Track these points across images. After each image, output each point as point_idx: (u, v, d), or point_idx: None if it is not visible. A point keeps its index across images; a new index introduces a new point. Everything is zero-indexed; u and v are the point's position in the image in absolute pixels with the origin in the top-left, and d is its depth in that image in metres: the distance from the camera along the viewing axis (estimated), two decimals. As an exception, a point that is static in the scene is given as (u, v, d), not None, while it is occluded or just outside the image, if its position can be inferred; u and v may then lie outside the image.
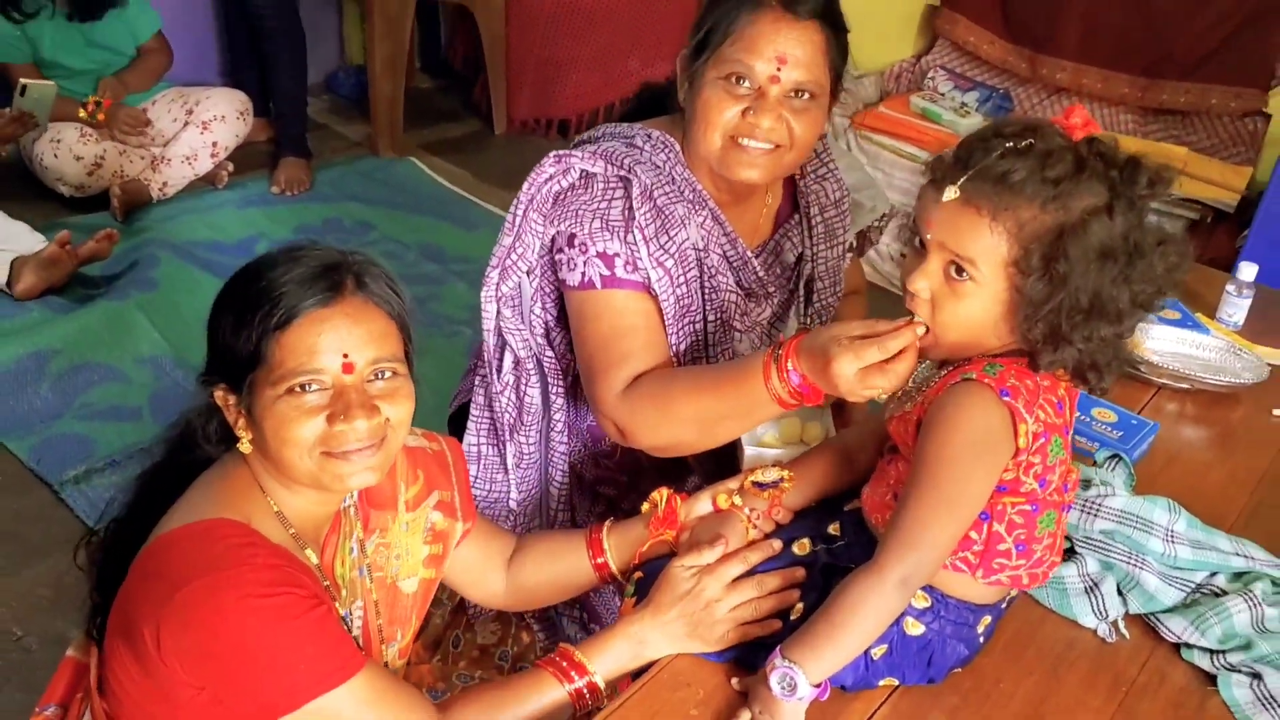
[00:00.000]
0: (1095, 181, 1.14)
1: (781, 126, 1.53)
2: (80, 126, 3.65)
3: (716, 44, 1.53)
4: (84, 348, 2.99)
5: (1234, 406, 1.94)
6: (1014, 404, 1.18)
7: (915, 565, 1.19)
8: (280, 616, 1.12)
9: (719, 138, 1.55)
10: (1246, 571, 1.48)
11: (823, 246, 1.77)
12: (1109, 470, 1.62)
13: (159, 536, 1.18)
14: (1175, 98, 3.59)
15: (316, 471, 1.18)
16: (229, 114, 3.89)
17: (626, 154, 1.60)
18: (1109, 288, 1.14)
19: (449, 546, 1.44)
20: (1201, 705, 1.34)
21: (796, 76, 1.51)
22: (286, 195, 4.00)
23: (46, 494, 2.55)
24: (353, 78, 4.81)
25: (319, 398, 1.16)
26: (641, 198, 1.56)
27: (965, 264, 1.17)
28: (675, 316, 1.60)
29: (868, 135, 3.79)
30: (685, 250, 1.59)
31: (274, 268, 1.17)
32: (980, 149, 1.17)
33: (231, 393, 1.20)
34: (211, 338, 1.21)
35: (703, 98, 1.54)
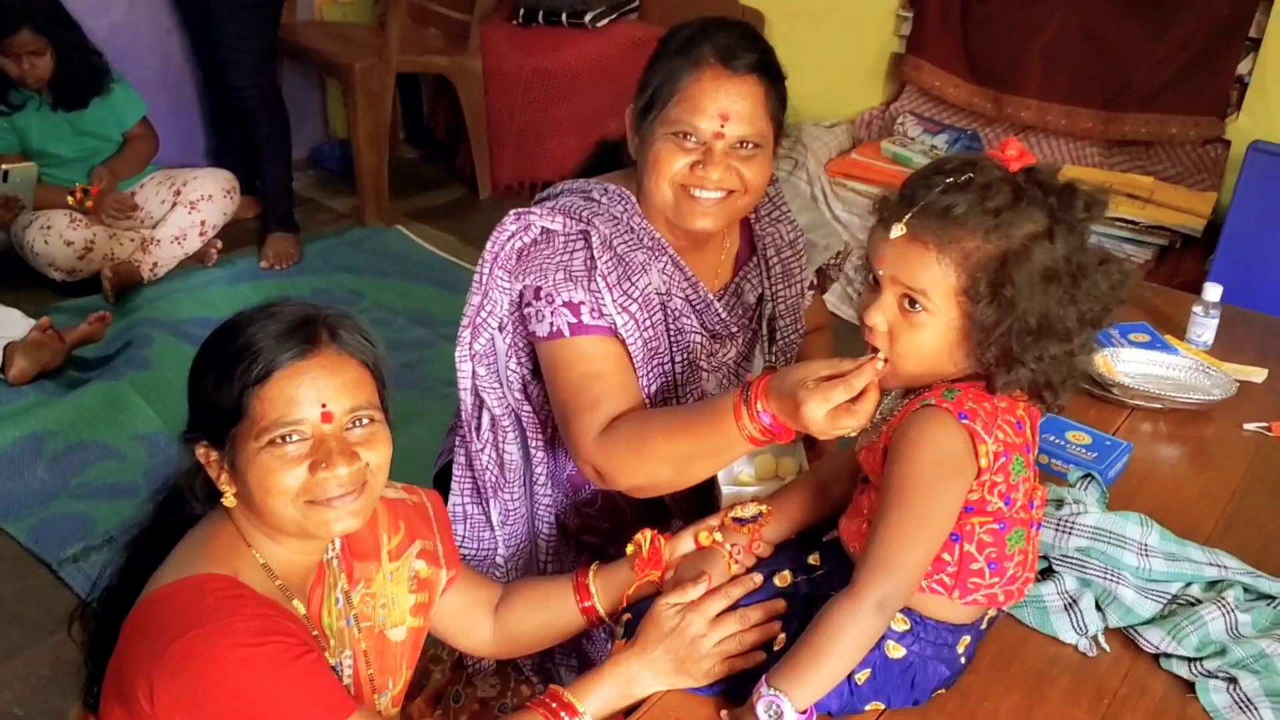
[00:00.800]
0: (1034, 209, 1.20)
1: (731, 175, 1.59)
2: (70, 213, 3.71)
3: (662, 103, 1.59)
4: (80, 428, 3.02)
5: (1205, 424, 1.97)
6: (972, 425, 1.22)
7: (891, 588, 1.22)
8: (271, 664, 1.14)
9: (670, 189, 1.61)
10: (1220, 580, 1.51)
11: (781, 286, 1.83)
12: (1081, 489, 1.66)
13: (148, 595, 1.21)
14: (1136, 129, 3.67)
15: (301, 520, 1.22)
16: (216, 193, 3.96)
17: (584, 207, 1.65)
18: (1055, 308, 1.19)
19: (434, 595, 1.46)
20: (1182, 712, 1.36)
21: (739, 131, 1.58)
22: (276, 269, 4.05)
23: (46, 574, 2.57)
24: (338, 151, 4.89)
25: (300, 448, 1.20)
26: (602, 247, 1.61)
27: (917, 295, 1.22)
28: (644, 359, 1.64)
29: (841, 182, 3.87)
30: (649, 295, 1.64)
31: (250, 325, 1.22)
32: (923, 186, 1.22)
33: (214, 448, 1.23)
34: (193, 396, 1.25)
35: (653, 152, 1.60)
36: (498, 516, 1.77)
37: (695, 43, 1.59)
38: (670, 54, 1.61)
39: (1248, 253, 2.80)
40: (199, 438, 1.24)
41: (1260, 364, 2.13)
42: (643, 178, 1.65)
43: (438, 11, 4.55)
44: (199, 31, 4.11)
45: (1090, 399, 1.99)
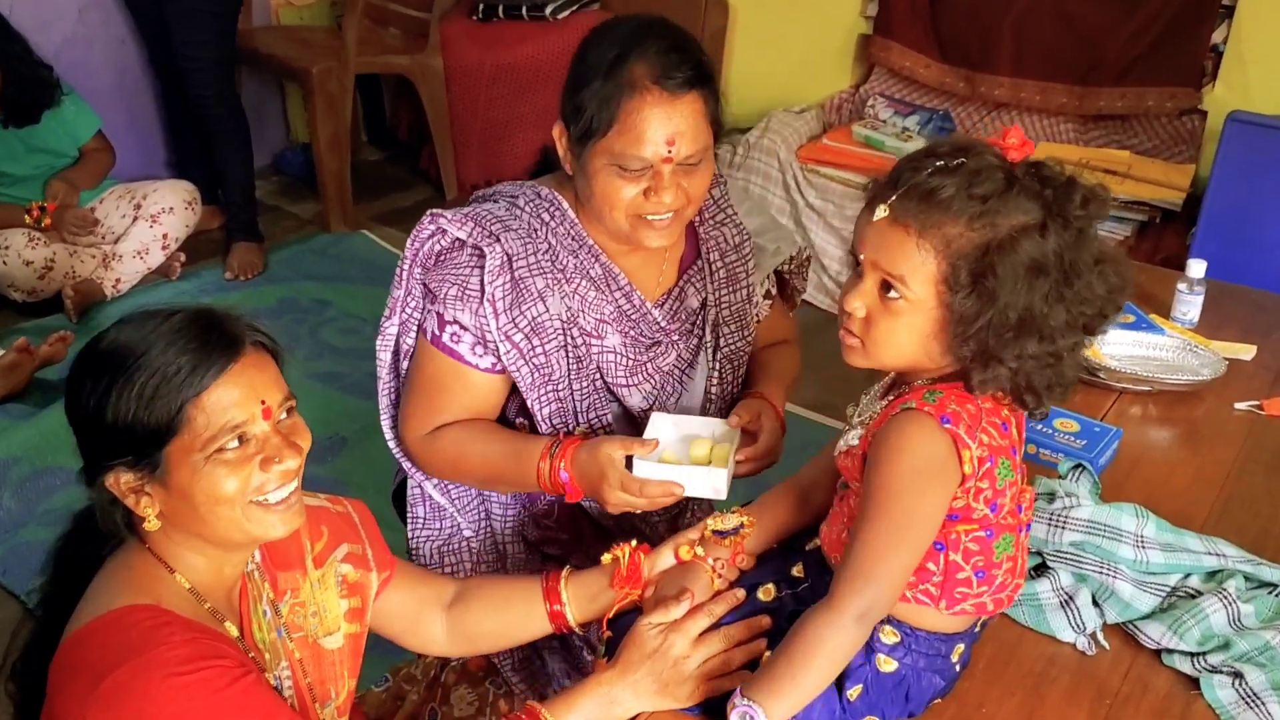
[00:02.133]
0: (1027, 199, 1.13)
1: (680, 194, 1.56)
2: (28, 231, 3.63)
3: (601, 132, 1.52)
4: (45, 453, 2.95)
5: (1196, 404, 1.94)
6: (955, 430, 1.17)
7: (871, 599, 1.17)
8: (208, 690, 1.10)
9: (623, 219, 1.57)
10: (1219, 570, 1.47)
11: (725, 291, 1.77)
12: (1073, 481, 1.61)
13: (69, 637, 1.16)
14: (1112, 103, 3.64)
15: (246, 524, 1.20)
16: (177, 205, 3.88)
17: (501, 218, 1.62)
18: (1040, 305, 1.12)
19: (367, 599, 1.43)
20: (1186, 710, 1.33)
21: (687, 150, 1.53)
22: (240, 280, 3.98)
23: (15, 606, 2.50)
24: (300, 156, 4.81)
25: (244, 450, 1.19)
26: (498, 269, 1.59)
27: (895, 282, 1.17)
28: (532, 384, 1.64)
29: (813, 168, 3.82)
30: (540, 323, 1.62)
31: (152, 338, 1.16)
32: (910, 169, 1.17)
33: (130, 472, 1.17)
34: (93, 425, 1.16)
35: (600, 183, 1.56)
36: (455, 504, 1.76)
37: (625, 62, 1.51)
38: (600, 75, 1.52)
39: (1230, 225, 2.76)
40: (107, 467, 1.17)
41: (1247, 340, 2.10)
42: (588, 200, 1.60)
43: (396, 10, 4.49)
44: (155, 40, 4.03)
45: (1077, 384, 1.95)
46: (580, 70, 1.56)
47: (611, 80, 1.51)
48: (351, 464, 2.96)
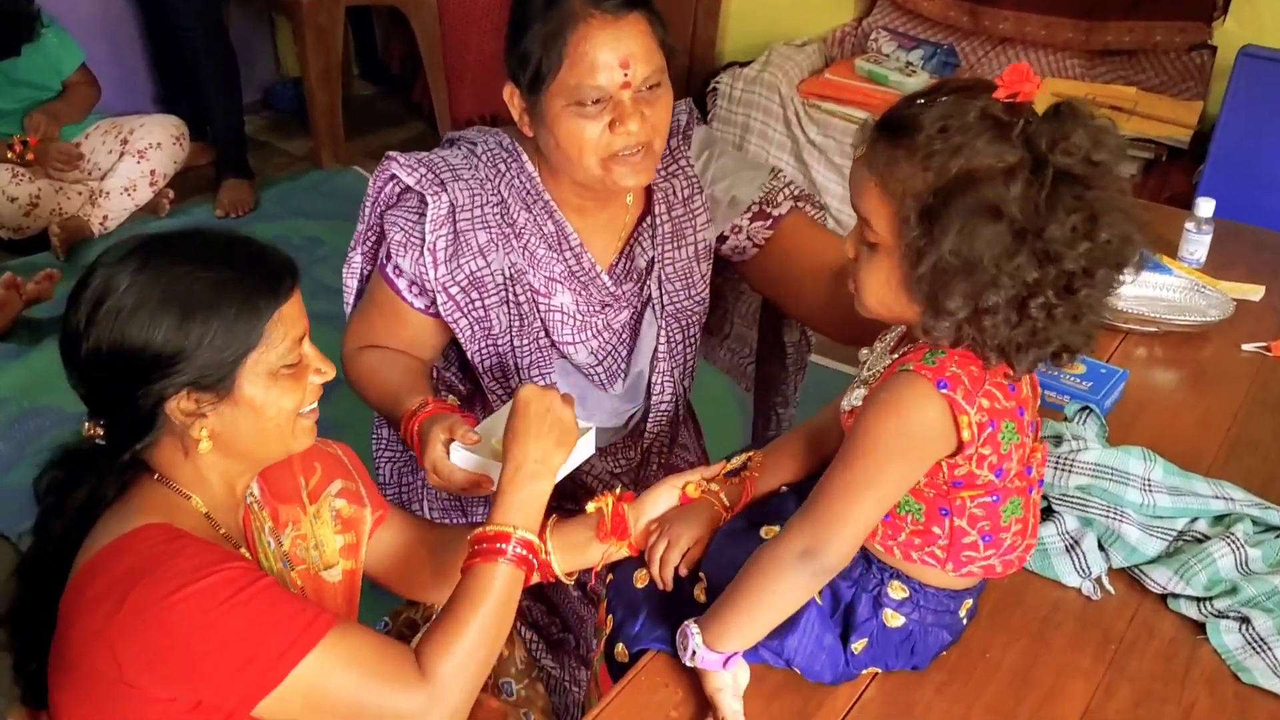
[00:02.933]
0: (995, 142, 1.05)
1: (646, 124, 1.52)
2: (12, 167, 3.57)
3: (550, 72, 1.49)
4: (34, 393, 2.92)
5: (1203, 345, 1.91)
6: (952, 395, 1.11)
7: (814, 539, 1.14)
8: (230, 590, 1.10)
9: (595, 162, 1.53)
10: (1227, 514, 1.45)
11: (669, 247, 1.72)
12: (1080, 424, 1.59)
13: (81, 568, 1.14)
14: (1119, 37, 3.56)
15: (291, 436, 1.25)
16: (164, 140, 3.81)
17: (454, 165, 1.62)
18: (990, 254, 1.04)
19: (361, 535, 1.43)
20: (1192, 655, 1.31)
21: (643, 72, 1.49)
22: (231, 218, 3.93)
23: (6, 548, 2.47)
24: (290, 90, 4.73)
25: (302, 364, 1.24)
26: (441, 220, 1.60)
27: (864, 226, 1.14)
28: (471, 338, 1.67)
29: (815, 104, 3.75)
30: (479, 277, 1.62)
31: (212, 261, 1.18)
32: (896, 108, 1.12)
33: (191, 396, 1.16)
34: (156, 356, 1.14)
35: (562, 130, 1.51)
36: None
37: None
38: (537, 18, 1.50)
39: (1239, 164, 2.71)
40: (167, 395, 1.15)
41: (1255, 280, 2.07)
42: (552, 154, 1.57)
43: (387, -61, 4.39)
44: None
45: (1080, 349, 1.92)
46: (518, 20, 1.53)
47: (551, 18, 1.48)
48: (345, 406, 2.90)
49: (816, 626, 1.22)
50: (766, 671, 1.25)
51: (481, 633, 1.19)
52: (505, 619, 1.24)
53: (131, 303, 1.13)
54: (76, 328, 1.15)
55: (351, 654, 1.14)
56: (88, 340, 1.14)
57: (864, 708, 1.24)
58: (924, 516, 1.19)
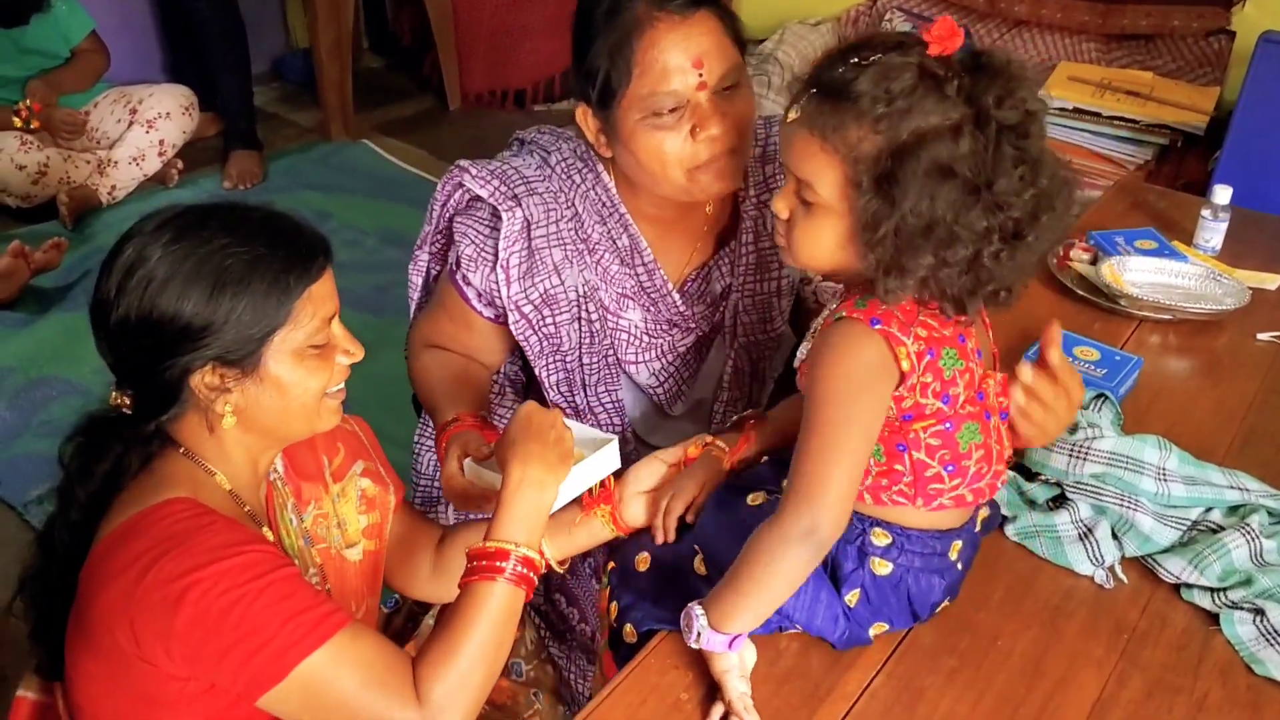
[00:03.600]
0: (939, 100, 1.06)
1: (728, 126, 1.43)
2: (20, 135, 3.55)
3: (621, 85, 1.42)
4: (40, 362, 2.91)
5: (1218, 334, 1.90)
6: (887, 329, 1.13)
7: (814, 515, 1.14)
8: (250, 574, 1.10)
9: (680, 174, 1.45)
10: (1242, 504, 1.44)
11: (750, 278, 1.66)
12: (1095, 411, 1.58)
13: (105, 538, 1.14)
14: (1137, 21, 3.53)
15: (316, 416, 1.24)
16: (174, 110, 3.80)
17: (528, 177, 1.56)
18: (947, 211, 1.06)
19: (386, 515, 1.43)
20: (1205, 646, 1.31)
21: (718, 70, 1.42)
22: (240, 189, 3.92)
23: (11, 517, 2.48)
24: (300, 62, 4.71)
25: (330, 345, 1.23)
26: (515, 236, 1.54)
27: (803, 187, 1.13)
28: (540, 353, 1.62)
29: (828, 83, 3.73)
30: (553, 295, 1.57)
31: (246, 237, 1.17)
32: (826, 66, 1.12)
33: (217, 371, 1.16)
34: (185, 329, 1.14)
35: (640, 145, 1.44)
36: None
37: (621, 6, 1.42)
38: (600, 30, 1.43)
39: (1256, 151, 2.67)
40: (192, 369, 1.15)
41: (1271, 269, 2.05)
42: (633, 171, 1.50)
43: (399, -90, 4.36)
44: (147, -62, 3.91)
45: (1097, 311, 1.92)
46: (581, 36, 1.47)
47: (615, 27, 1.41)
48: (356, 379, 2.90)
49: (811, 582, 1.22)
50: (777, 656, 1.26)
51: (479, 654, 1.15)
52: (504, 639, 1.19)
53: (163, 274, 1.13)
54: (107, 295, 1.15)
55: (359, 657, 1.11)
56: (117, 309, 1.14)
57: (874, 694, 1.23)
58: (884, 456, 1.20)
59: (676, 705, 1.20)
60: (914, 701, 1.22)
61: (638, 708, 1.20)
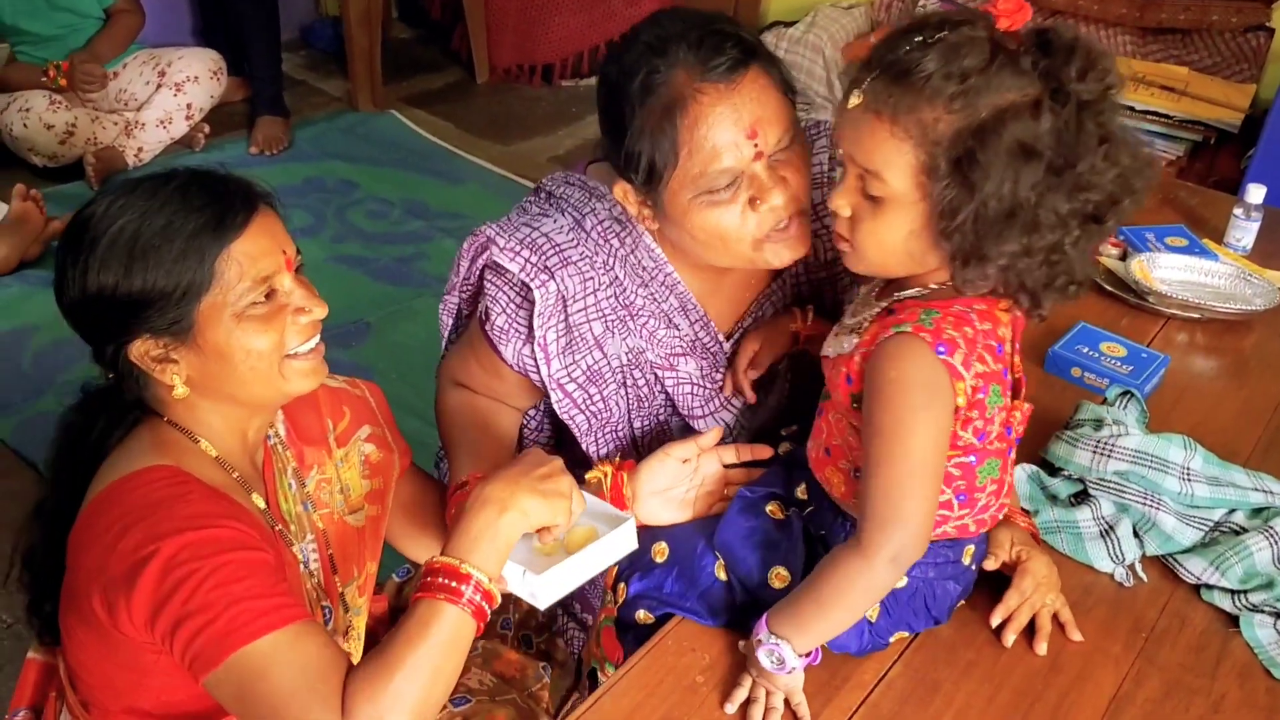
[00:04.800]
0: (1016, 75, 1.02)
1: (788, 190, 1.30)
2: (49, 94, 3.56)
3: (667, 166, 1.27)
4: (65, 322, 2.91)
5: (1245, 334, 1.88)
6: (950, 360, 1.09)
7: (901, 542, 1.11)
8: (211, 549, 1.07)
9: (748, 249, 1.32)
10: (1266, 507, 1.44)
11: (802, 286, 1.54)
12: (1121, 408, 1.57)
13: (88, 505, 1.14)
14: (1174, 15, 3.49)
15: (280, 380, 1.19)
16: (202, 74, 3.79)
17: (560, 245, 1.40)
18: (1030, 194, 1.02)
19: (389, 480, 1.42)
20: (1224, 647, 1.30)
21: (774, 136, 1.28)
22: (266, 155, 3.91)
23: (31, 474, 2.49)
24: (329, 29, 4.70)
25: (274, 303, 1.17)
26: (550, 312, 1.40)
27: (871, 178, 1.08)
28: (588, 430, 1.50)
29: (858, 68, 3.70)
30: (599, 370, 1.45)
31: (159, 203, 1.13)
32: (888, 47, 1.06)
33: (153, 340, 1.14)
34: (109, 300, 1.13)
35: (696, 225, 1.30)
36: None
37: (659, 76, 1.26)
38: (637, 108, 1.28)
39: (1292, 151, 2.66)
40: (128, 339, 1.14)
41: (1303, 271, 2.02)
42: (691, 250, 1.37)
43: (433, -120, 4.33)
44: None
45: (1125, 307, 1.90)
46: (612, 113, 1.32)
47: (653, 106, 1.27)
48: (375, 350, 2.93)
49: None
50: (794, 642, 1.25)
51: (417, 677, 1.06)
52: (447, 667, 1.09)
53: (90, 251, 1.12)
54: (58, 280, 1.17)
55: (298, 656, 1.06)
56: (66, 291, 1.16)
57: (890, 683, 1.23)
58: None
59: (692, 687, 1.21)
60: (930, 694, 1.22)
61: (654, 688, 1.21)
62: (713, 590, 1.29)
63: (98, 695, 1.19)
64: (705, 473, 1.38)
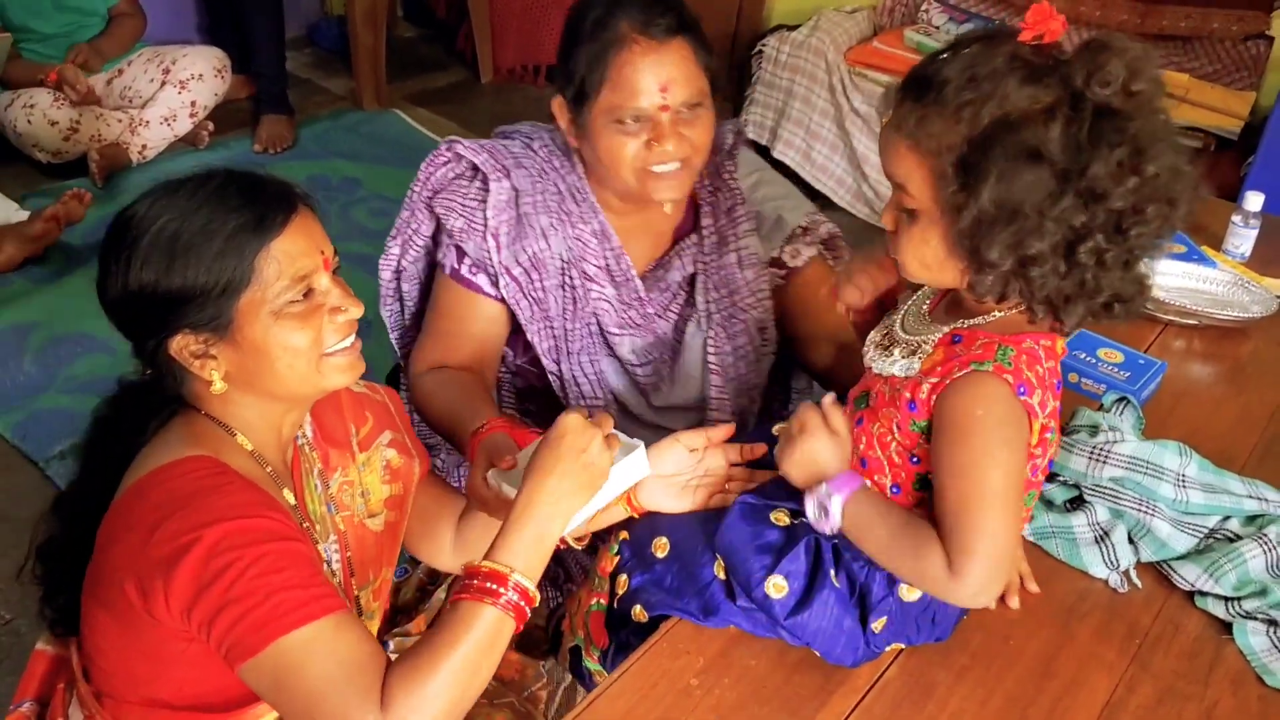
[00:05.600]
0: (1029, 84, 1.02)
1: (684, 143, 1.57)
2: (53, 91, 3.57)
3: (594, 91, 1.56)
4: (66, 319, 2.93)
5: (1243, 341, 1.89)
6: (1030, 403, 1.10)
7: (989, 575, 1.11)
8: (251, 538, 1.09)
9: (631, 175, 1.60)
10: (1260, 515, 1.44)
11: (713, 256, 1.76)
12: (1117, 414, 1.57)
13: (124, 493, 1.15)
14: (1175, 23, 3.50)
15: (317, 375, 1.21)
16: (206, 72, 3.80)
17: (516, 154, 1.69)
18: (1034, 198, 1.02)
19: (409, 486, 1.43)
20: (1217, 654, 1.31)
21: (681, 96, 1.56)
22: (270, 154, 3.92)
23: (33, 471, 2.50)
24: (334, 28, 4.71)
25: (311, 302, 1.20)
26: (504, 204, 1.66)
27: (901, 193, 1.11)
28: (531, 318, 1.70)
29: (861, 72, 3.71)
30: (540, 259, 1.67)
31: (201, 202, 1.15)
32: (919, 66, 1.09)
33: (192, 336, 1.16)
34: (150, 298, 1.15)
35: (603, 144, 1.59)
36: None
37: (608, 20, 1.56)
38: (586, 38, 1.56)
39: (1292, 158, 2.67)
40: (168, 335, 1.16)
41: (1301, 279, 2.03)
42: (594, 164, 1.65)
43: (438, -120, 4.34)
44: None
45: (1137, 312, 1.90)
46: (569, 37, 1.60)
47: (598, 39, 1.55)
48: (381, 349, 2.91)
49: (835, 609, 1.22)
50: (789, 646, 1.26)
51: (454, 676, 1.08)
52: (485, 664, 1.12)
53: (132, 249, 1.15)
54: (101, 276, 1.18)
55: (337, 648, 1.08)
56: (109, 288, 1.17)
57: (884, 687, 1.24)
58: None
59: (686, 690, 1.21)
60: (924, 697, 1.23)
61: (648, 691, 1.21)
62: (710, 588, 1.29)
63: (115, 684, 1.20)
64: (710, 465, 1.42)
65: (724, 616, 1.27)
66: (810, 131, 3.83)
